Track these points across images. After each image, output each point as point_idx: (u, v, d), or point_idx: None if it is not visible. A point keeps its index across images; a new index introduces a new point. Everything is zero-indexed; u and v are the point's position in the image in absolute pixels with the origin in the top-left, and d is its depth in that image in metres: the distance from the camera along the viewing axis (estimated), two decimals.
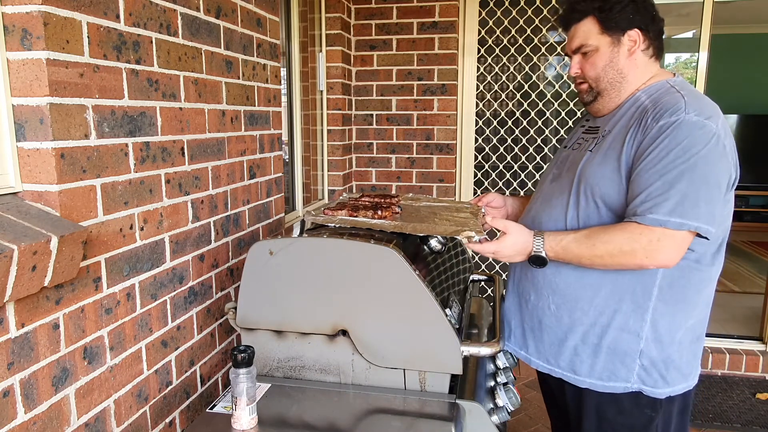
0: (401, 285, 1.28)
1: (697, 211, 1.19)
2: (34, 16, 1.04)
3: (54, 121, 1.08)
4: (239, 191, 1.86)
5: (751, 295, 4.45)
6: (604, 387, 1.36)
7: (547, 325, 1.43)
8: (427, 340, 1.29)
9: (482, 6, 3.38)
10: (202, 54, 1.59)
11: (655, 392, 1.34)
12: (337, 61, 3.13)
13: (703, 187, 1.19)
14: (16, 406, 1.03)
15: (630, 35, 1.34)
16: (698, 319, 1.37)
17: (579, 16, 1.38)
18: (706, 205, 1.19)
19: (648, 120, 1.26)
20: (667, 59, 6.23)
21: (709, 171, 1.19)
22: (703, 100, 1.28)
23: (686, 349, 1.36)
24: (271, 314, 1.38)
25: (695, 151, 1.19)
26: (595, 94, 1.41)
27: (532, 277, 1.46)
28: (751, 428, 2.74)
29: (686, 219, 1.19)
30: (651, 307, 1.31)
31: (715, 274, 1.36)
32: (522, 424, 2.76)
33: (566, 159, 1.49)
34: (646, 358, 1.33)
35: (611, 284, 1.33)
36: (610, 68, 1.37)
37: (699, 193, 1.19)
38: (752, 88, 6.68)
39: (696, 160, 1.19)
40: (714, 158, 1.20)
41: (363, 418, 1.26)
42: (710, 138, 1.20)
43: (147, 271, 1.39)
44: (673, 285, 1.31)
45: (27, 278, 0.98)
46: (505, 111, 3.51)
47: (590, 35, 1.37)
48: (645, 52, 1.37)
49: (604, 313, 1.35)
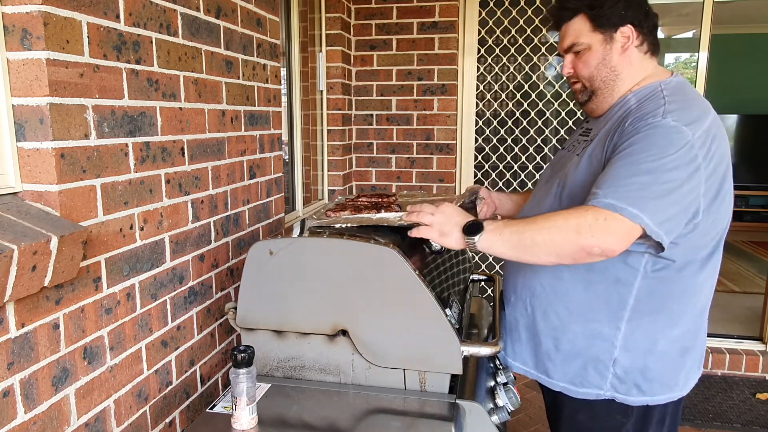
0: (401, 285, 1.28)
1: (653, 209, 1.12)
2: (34, 16, 1.04)
3: (54, 121, 1.08)
4: (239, 191, 1.86)
5: (751, 295, 4.45)
6: (576, 393, 1.34)
7: (523, 327, 1.43)
8: (427, 340, 1.29)
9: (482, 6, 3.38)
10: (202, 54, 1.59)
11: (628, 400, 1.31)
12: (337, 61, 3.13)
13: (665, 189, 1.13)
14: (16, 406, 1.03)
15: (623, 31, 1.30)
16: (686, 329, 1.31)
17: (570, 14, 1.35)
18: (663, 208, 1.13)
19: (626, 125, 1.23)
20: (667, 59, 6.23)
21: (675, 177, 1.13)
22: (689, 106, 1.22)
23: (671, 360, 1.31)
24: (271, 314, 1.38)
25: (666, 153, 1.14)
26: (590, 93, 1.38)
27: (513, 280, 1.47)
28: (751, 428, 2.74)
29: (640, 211, 1.11)
30: (626, 317, 1.28)
31: (707, 282, 1.31)
32: (522, 424, 2.76)
33: (560, 160, 1.48)
34: (619, 367, 1.30)
35: (585, 291, 1.30)
36: (603, 66, 1.33)
37: (660, 193, 1.13)
38: (752, 88, 6.68)
39: (666, 162, 1.13)
40: (682, 164, 1.14)
41: (363, 418, 1.26)
42: (683, 144, 1.14)
43: (147, 271, 1.39)
44: (652, 294, 1.26)
45: (27, 278, 0.98)
46: (505, 111, 3.51)
47: (582, 33, 1.33)
48: (639, 48, 1.32)
49: (578, 320, 1.32)
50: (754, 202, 6.82)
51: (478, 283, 2.05)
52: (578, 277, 1.31)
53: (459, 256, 1.80)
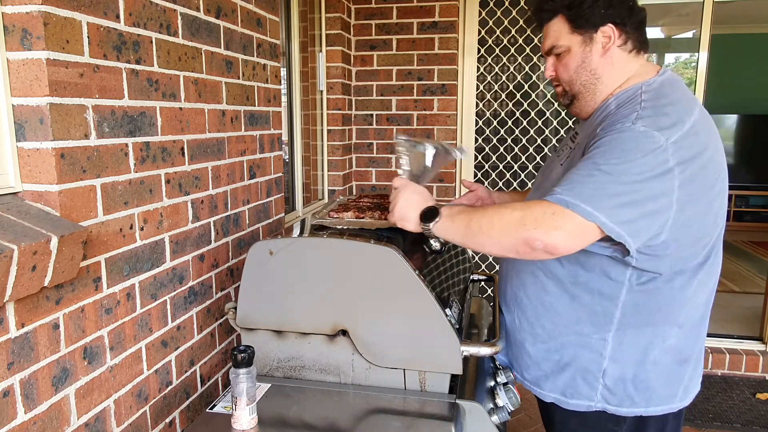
0: (401, 285, 1.28)
1: (610, 208, 1.06)
2: (34, 16, 1.04)
3: (54, 121, 1.08)
4: (239, 191, 1.86)
5: (751, 295, 4.45)
6: (568, 404, 1.33)
7: (514, 338, 1.43)
8: (427, 340, 1.29)
9: (482, 6, 3.38)
10: (202, 54, 1.59)
11: (620, 411, 1.28)
12: (337, 61, 3.13)
13: (626, 190, 1.07)
14: (16, 406, 1.03)
15: (603, 31, 1.23)
16: (682, 339, 1.26)
17: (548, 15, 1.30)
18: (623, 208, 1.07)
19: (598, 131, 1.19)
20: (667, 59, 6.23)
21: (640, 179, 1.08)
22: (665, 111, 1.15)
23: (667, 370, 1.27)
24: (271, 314, 1.38)
25: (631, 157, 1.08)
26: (571, 97, 1.33)
27: (503, 289, 1.47)
28: (751, 428, 2.74)
29: (595, 209, 1.05)
30: (613, 329, 1.25)
31: (701, 290, 1.26)
32: (522, 424, 2.76)
33: (548, 166, 1.46)
34: (609, 378, 1.27)
35: (571, 303, 1.28)
36: (583, 70, 1.27)
37: (619, 192, 1.07)
38: (752, 88, 6.68)
39: (629, 166, 1.07)
40: (648, 168, 1.08)
41: (363, 418, 1.26)
42: (653, 149, 1.08)
43: (147, 271, 1.39)
44: (639, 308, 1.23)
45: (27, 278, 0.98)
46: (505, 111, 3.51)
47: (561, 35, 1.28)
48: (622, 47, 1.25)
49: (564, 333, 1.31)
50: (754, 202, 6.83)
51: (478, 283, 2.05)
52: (563, 290, 1.29)
53: (459, 256, 1.80)
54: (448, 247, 1.70)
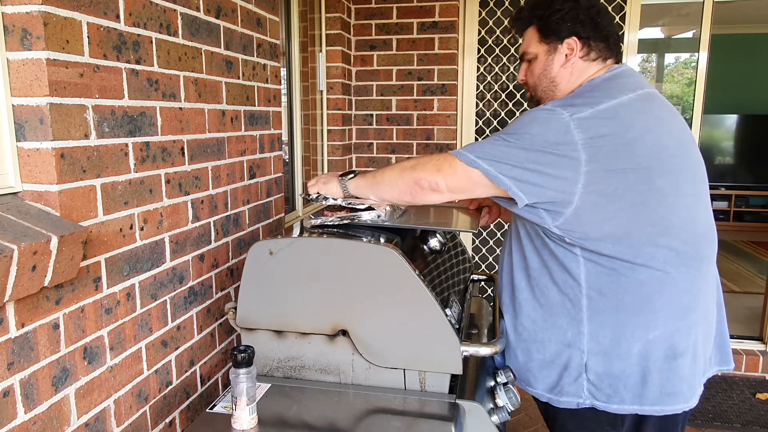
0: (401, 285, 1.28)
1: (494, 159, 1.20)
2: (34, 16, 1.04)
3: (54, 121, 1.08)
4: (239, 191, 1.86)
5: (751, 295, 4.45)
6: (559, 402, 1.34)
7: (507, 340, 1.45)
8: (427, 340, 1.29)
9: (482, 6, 3.38)
10: (202, 54, 1.59)
11: (610, 408, 1.28)
12: (337, 61, 3.13)
13: (516, 147, 1.20)
14: (16, 406, 1.03)
15: (568, 43, 1.32)
16: (666, 332, 1.24)
17: (523, 24, 1.40)
18: (511, 164, 1.19)
19: None
20: (667, 59, 6.23)
21: (534, 143, 1.18)
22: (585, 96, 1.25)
23: (658, 366, 1.25)
24: (271, 314, 1.38)
25: (527, 128, 1.21)
26: (536, 102, 1.42)
27: (499, 292, 1.54)
28: (751, 428, 2.74)
29: (477, 158, 1.22)
30: (585, 318, 1.28)
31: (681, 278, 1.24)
32: (522, 424, 2.76)
33: None
34: (592, 373, 1.29)
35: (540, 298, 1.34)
36: (544, 77, 1.37)
37: (512, 153, 1.20)
38: (752, 88, 6.68)
39: (524, 132, 1.20)
40: (545, 137, 1.18)
41: (363, 418, 1.26)
42: (553, 122, 1.19)
43: (147, 271, 1.39)
44: (604, 293, 1.25)
45: (27, 278, 0.98)
46: (505, 111, 3.51)
47: (531, 43, 1.38)
48: (585, 58, 1.33)
49: (542, 327, 1.34)
50: (754, 202, 6.82)
51: (478, 283, 2.05)
52: (530, 285, 1.36)
53: (459, 256, 1.80)
54: (448, 247, 1.70)
